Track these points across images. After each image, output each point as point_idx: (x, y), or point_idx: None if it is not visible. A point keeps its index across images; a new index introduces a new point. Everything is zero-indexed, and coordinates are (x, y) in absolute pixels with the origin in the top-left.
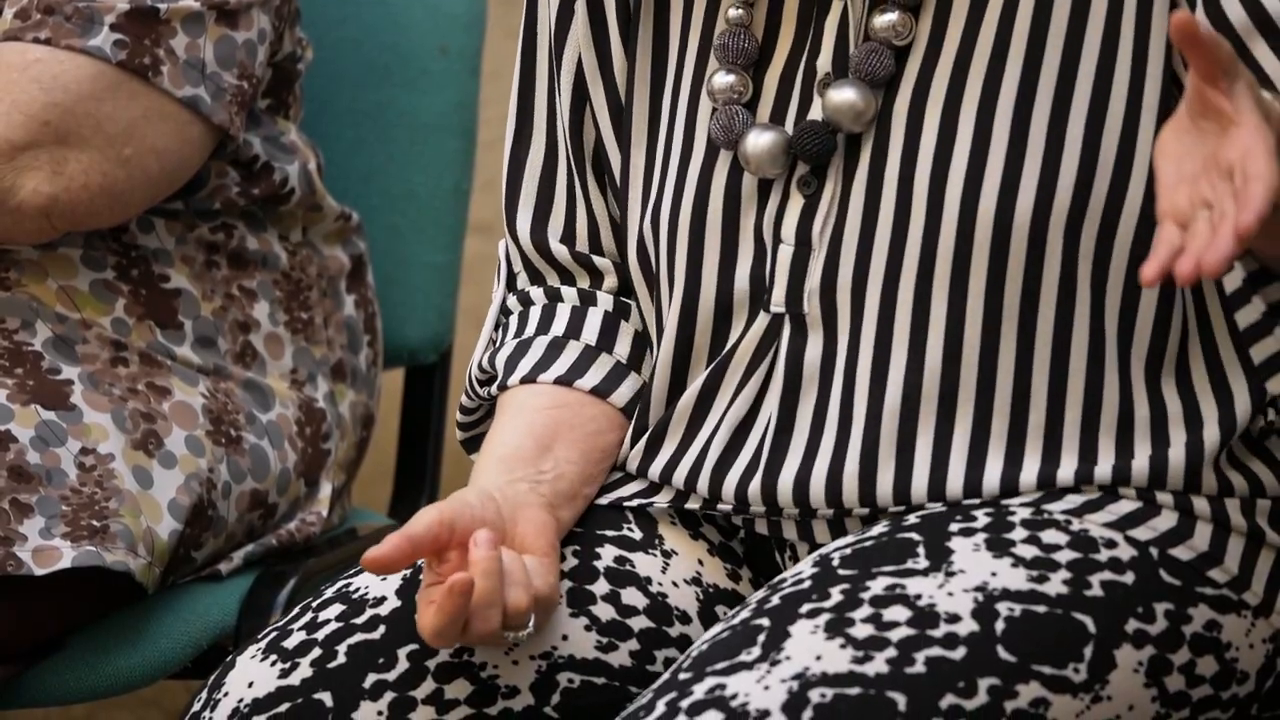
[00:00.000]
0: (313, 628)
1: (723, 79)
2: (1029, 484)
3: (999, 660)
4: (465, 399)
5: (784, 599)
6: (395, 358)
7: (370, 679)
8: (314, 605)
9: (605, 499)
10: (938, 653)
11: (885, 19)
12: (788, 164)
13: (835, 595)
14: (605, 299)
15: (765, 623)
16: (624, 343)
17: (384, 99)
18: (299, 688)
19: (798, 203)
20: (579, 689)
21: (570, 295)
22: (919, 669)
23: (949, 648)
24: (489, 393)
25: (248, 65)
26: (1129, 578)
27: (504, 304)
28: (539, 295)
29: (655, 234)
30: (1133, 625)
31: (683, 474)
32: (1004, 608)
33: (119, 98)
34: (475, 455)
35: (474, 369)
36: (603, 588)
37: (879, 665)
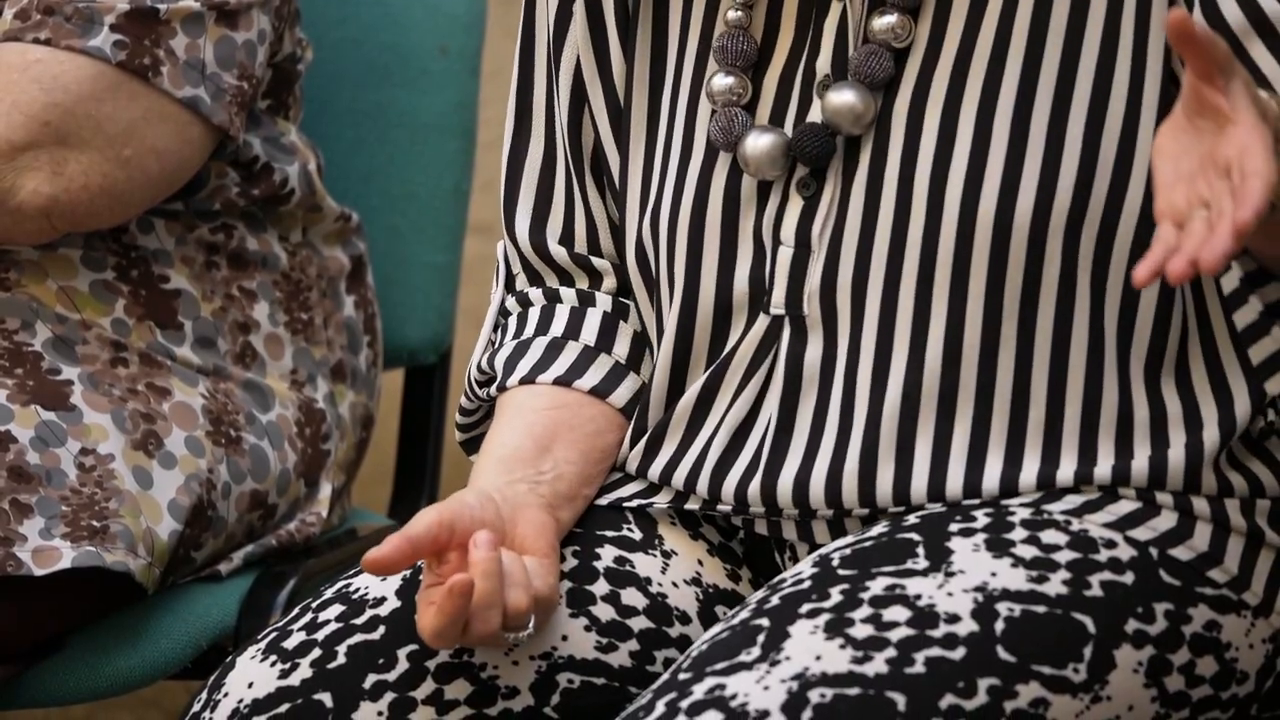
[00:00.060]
0: (312, 628)
1: (722, 81)
2: (1029, 484)
3: (999, 660)
4: (464, 400)
5: (784, 599)
6: (395, 358)
7: (370, 679)
8: (314, 606)
9: (605, 499)
10: (937, 653)
11: (884, 21)
12: (787, 166)
13: (835, 595)
14: (604, 300)
15: (765, 623)
16: (623, 343)
17: (384, 99)
18: (299, 688)
19: (797, 204)
20: (579, 689)
21: (569, 296)
22: (919, 669)
23: (949, 648)
24: (488, 394)
25: (248, 66)
26: (1129, 578)
27: (503, 305)
28: (538, 296)
29: (654, 236)
30: (1132, 625)
31: (682, 475)
32: (1004, 608)
33: (119, 98)
34: (475, 456)
35: (473, 370)
36: (602, 588)
37: (879, 665)
